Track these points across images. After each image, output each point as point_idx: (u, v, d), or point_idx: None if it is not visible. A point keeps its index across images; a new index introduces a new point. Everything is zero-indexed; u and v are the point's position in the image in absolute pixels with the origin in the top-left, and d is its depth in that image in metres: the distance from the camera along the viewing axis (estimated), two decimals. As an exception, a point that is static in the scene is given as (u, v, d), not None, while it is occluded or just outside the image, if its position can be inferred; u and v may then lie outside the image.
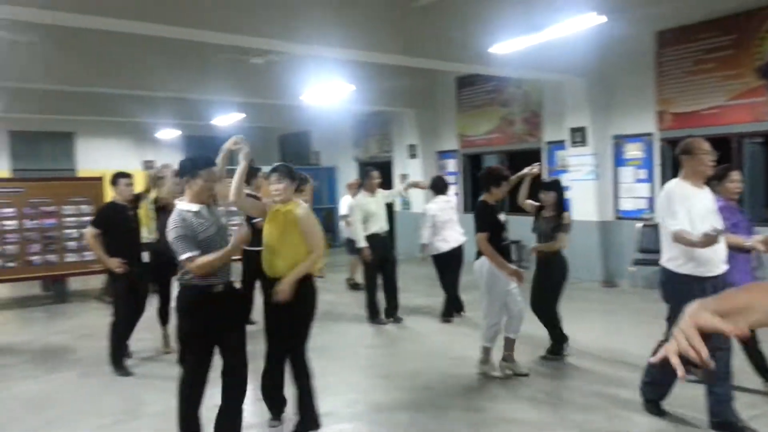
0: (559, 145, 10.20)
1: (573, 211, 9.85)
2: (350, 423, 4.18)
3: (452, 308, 7.12)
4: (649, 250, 8.82)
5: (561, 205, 5.48)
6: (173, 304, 3.76)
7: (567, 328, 5.45)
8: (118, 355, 5.31)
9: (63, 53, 8.72)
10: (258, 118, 15.19)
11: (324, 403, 4.03)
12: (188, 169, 3.52)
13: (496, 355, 5.05)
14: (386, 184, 13.91)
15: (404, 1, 7.18)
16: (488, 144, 11.70)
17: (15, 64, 8.59)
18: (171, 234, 3.38)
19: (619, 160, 9.48)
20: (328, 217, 14.07)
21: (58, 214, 8.59)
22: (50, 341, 6.50)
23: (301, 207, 3.86)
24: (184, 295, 3.51)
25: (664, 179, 8.94)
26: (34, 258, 8.44)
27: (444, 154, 12.72)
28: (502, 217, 4.97)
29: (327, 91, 9.76)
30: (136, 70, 9.41)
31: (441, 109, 12.65)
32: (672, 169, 8.38)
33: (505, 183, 5.02)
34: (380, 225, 6.97)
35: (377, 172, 7.23)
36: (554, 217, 5.34)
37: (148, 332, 5.92)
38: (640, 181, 9.21)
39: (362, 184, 7.37)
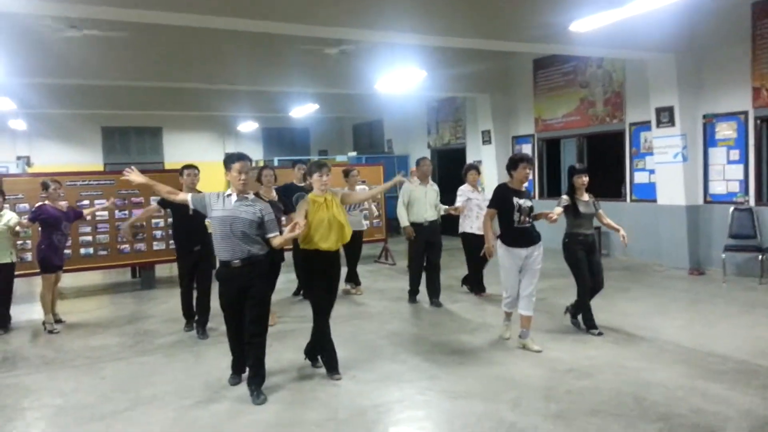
0: (644, 126, 9.71)
1: (659, 196, 9.38)
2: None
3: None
4: (742, 235, 8.27)
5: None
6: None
7: (651, 318, 5.18)
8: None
9: (149, 51, 9.16)
10: (332, 108, 15.38)
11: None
12: (224, 163, 4.53)
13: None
14: (459, 171, 13.85)
15: (479, -19, 7.00)
16: (566, 127, 11.29)
17: (105, 63, 9.09)
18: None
19: (710, 141, 8.90)
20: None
21: (145, 204, 9.03)
22: (139, 326, 6.84)
23: (333, 192, 4.92)
24: None
25: (759, 160, 8.33)
26: (124, 246, 8.93)
27: (520, 140, 12.40)
28: (522, 201, 5.27)
29: (400, 78, 9.70)
30: (217, 65, 9.75)
31: (517, 92, 12.32)
32: (770, 148, 7.79)
33: (522, 166, 5.31)
34: (422, 215, 7.16)
35: (427, 159, 7.47)
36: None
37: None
38: (732, 162, 8.62)
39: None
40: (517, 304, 5.45)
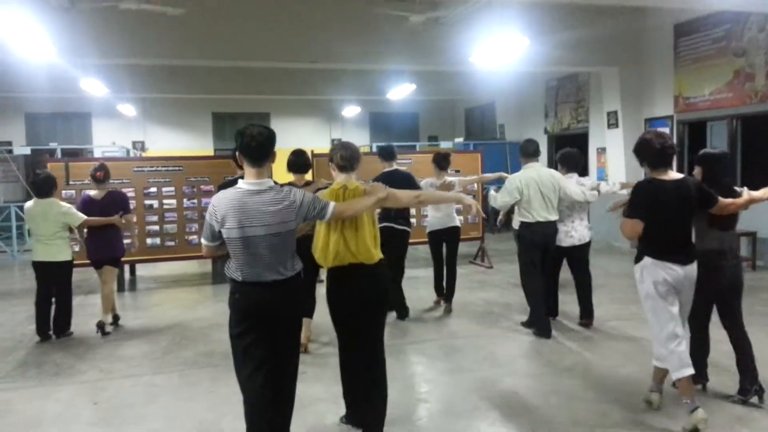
0: (824, 103, 7.43)
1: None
2: None
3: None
4: None
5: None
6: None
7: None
8: None
9: (253, 29, 8.73)
10: (433, 89, 14.25)
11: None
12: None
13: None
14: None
15: None
16: (715, 106, 9.12)
17: (206, 42, 8.78)
18: None
19: None
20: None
21: (215, 192, 8.36)
22: (183, 329, 6.09)
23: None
24: None
25: None
26: (192, 238, 8.33)
27: (655, 122, 10.32)
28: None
29: (499, 49, 8.07)
30: (318, 42, 9.10)
31: (652, 65, 10.26)
32: None
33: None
34: (543, 212, 5.39)
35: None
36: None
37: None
38: None
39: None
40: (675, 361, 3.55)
